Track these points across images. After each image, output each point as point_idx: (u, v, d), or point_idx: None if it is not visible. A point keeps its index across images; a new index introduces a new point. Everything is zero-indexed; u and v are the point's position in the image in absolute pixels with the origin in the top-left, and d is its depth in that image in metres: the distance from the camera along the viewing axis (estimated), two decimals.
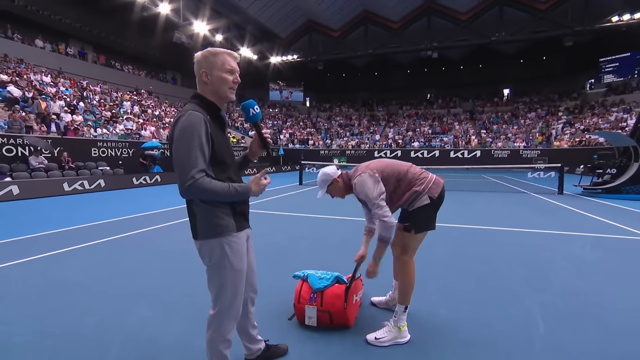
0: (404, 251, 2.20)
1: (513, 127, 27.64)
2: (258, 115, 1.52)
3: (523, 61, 31.64)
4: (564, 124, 25.76)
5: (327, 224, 5.91)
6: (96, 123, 13.93)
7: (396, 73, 34.97)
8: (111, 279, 3.20)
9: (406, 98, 35.02)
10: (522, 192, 10.59)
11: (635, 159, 9.19)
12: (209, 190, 1.32)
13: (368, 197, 2.07)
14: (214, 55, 1.44)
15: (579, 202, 8.41)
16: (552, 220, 6.12)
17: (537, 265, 3.64)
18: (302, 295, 2.32)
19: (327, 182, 2.21)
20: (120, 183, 11.61)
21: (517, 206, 7.78)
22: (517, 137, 25.80)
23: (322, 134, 32.14)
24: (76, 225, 5.52)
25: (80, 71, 19.82)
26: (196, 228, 1.47)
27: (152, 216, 6.49)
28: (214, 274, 1.47)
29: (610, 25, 22.18)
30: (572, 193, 9.97)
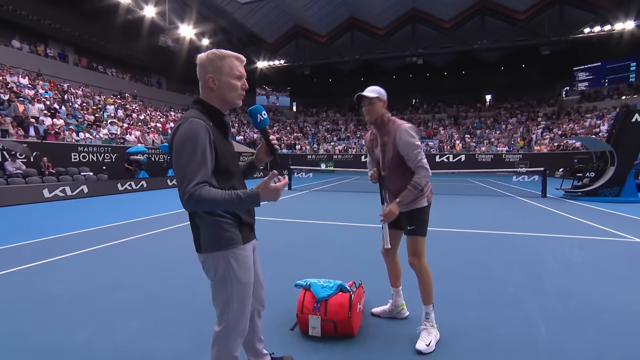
0: (418, 256, 2.19)
1: (496, 132, 28.37)
2: (266, 121, 1.45)
3: (504, 68, 32.68)
4: (543, 129, 26.65)
5: (321, 229, 5.85)
6: (79, 127, 13.47)
7: (382, 79, 35.35)
8: (98, 291, 3.04)
9: (392, 103, 35.08)
10: (508, 195, 10.82)
11: (611, 163, 9.54)
12: (209, 201, 1.20)
13: (412, 143, 2.04)
14: (221, 58, 1.35)
15: (562, 204, 8.64)
16: (539, 223, 6.25)
17: (531, 268, 3.68)
18: (305, 304, 2.25)
19: (383, 96, 2.14)
20: (105, 189, 11.22)
21: (503, 209, 7.92)
22: (500, 142, 26.48)
23: (309, 139, 32.14)
24: (58, 234, 5.26)
25: (60, 73, 19.16)
26: (199, 241, 1.38)
27: (139, 223, 6.27)
28: (219, 288, 1.38)
29: (582, 36, 23.29)
30: (555, 196, 10.25)
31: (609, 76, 27.03)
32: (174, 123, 22.05)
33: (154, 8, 19.41)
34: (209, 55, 1.35)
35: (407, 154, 2.07)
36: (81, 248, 4.45)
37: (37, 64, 18.18)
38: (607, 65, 26.88)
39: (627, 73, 26.18)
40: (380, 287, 3.05)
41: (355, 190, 12.52)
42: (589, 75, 28.07)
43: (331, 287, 2.29)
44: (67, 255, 4.14)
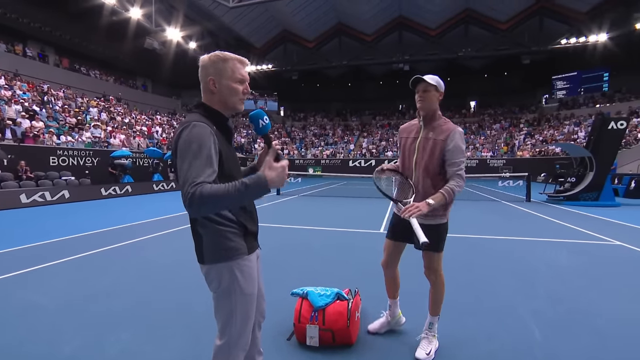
0: (435, 269, 2.09)
1: (480, 137, 29.03)
2: (268, 127, 1.39)
3: (487, 76, 33.56)
4: (525, 135, 27.44)
5: (312, 235, 5.81)
6: (60, 130, 13.03)
7: (369, 84, 35.83)
8: (84, 301, 2.91)
9: (379, 109, 35.87)
10: (494, 200, 11.05)
11: (590, 169, 9.88)
12: (212, 197, 1.09)
13: (462, 149, 1.93)
14: (223, 61, 1.30)
15: (546, 209, 8.88)
16: (526, 228, 6.39)
17: (522, 273, 3.74)
18: (302, 314, 2.21)
19: (441, 87, 1.98)
20: (87, 194, 10.88)
21: (491, 214, 8.07)
22: (484, 147, 27.10)
23: (297, 144, 32.10)
24: (38, 242, 5.03)
25: (39, 74, 18.56)
26: (202, 251, 1.31)
27: (124, 230, 6.09)
28: (223, 301, 1.32)
29: (560, 47, 24.29)
30: (538, 200, 10.52)
31: (585, 85, 28.19)
32: (160, 127, 21.69)
33: (139, 10, 19.07)
34: (212, 57, 1.31)
35: (453, 158, 1.92)
36: (64, 256, 4.28)
37: (15, 64, 17.55)
38: (583, 75, 28.02)
39: (600, 83, 27.35)
40: (375, 294, 3.04)
41: (343, 195, 12.54)
42: (566, 84, 29.18)
43: (329, 295, 2.26)
44: (49, 264, 3.96)
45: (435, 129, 1.97)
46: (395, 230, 2.20)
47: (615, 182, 13.17)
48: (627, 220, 6.93)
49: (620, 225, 6.51)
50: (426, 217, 1.96)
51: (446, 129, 1.95)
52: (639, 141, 18.73)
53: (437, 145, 1.94)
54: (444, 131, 1.94)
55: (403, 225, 2.00)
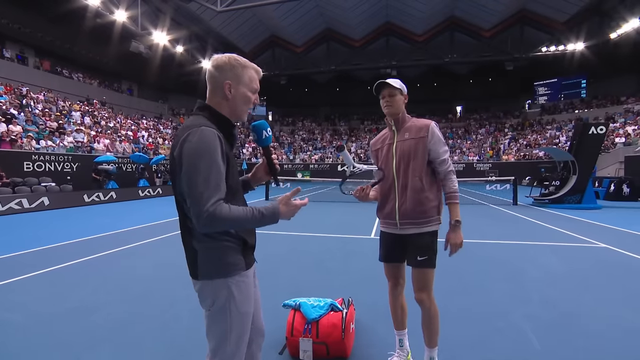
0: (429, 291, 1.84)
1: (466, 141, 29.53)
2: (269, 139, 1.36)
3: (473, 81, 34.28)
4: (510, 139, 28.06)
5: (302, 241, 5.70)
6: (39, 134, 12.56)
7: (357, 89, 35.98)
8: (59, 318, 2.72)
9: (367, 113, 36.12)
10: (481, 203, 11.16)
11: (573, 172, 10.11)
12: (230, 219, 1.09)
13: (442, 141, 1.84)
14: (243, 67, 1.24)
15: (532, 212, 9.00)
16: (514, 231, 6.44)
17: (513, 277, 3.72)
18: (295, 326, 2.10)
19: (405, 90, 1.91)
20: (69, 201, 10.47)
21: (479, 218, 8.12)
22: (471, 151, 27.56)
23: (285, 148, 31.97)
24: (10, 253, 4.73)
25: (18, 76, 17.90)
26: (197, 266, 1.21)
27: (105, 238, 5.83)
28: (217, 320, 1.21)
29: (540, 54, 25.06)
30: (525, 204, 10.69)
31: (564, 91, 29.12)
32: (146, 131, 21.24)
33: (125, 12, 18.70)
34: (231, 61, 1.23)
35: (439, 152, 1.82)
36: (39, 268, 4.04)
37: None
38: (563, 82, 28.97)
39: (579, 89, 28.32)
40: (370, 302, 2.96)
41: (332, 200, 12.47)
42: (547, 90, 30.06)
43: (322, 306, 2.16)
44: (22, 277, 3.73)
45: (410, 129, 1.89)
46: (387, 250, 1.96)
47: (596, 185, 13.56)
48: (610, 222, 7.08)
49: (604, 228, 6.64)
50: (419, 223, 1.81)
51: (422, 124, 1.86)
52: (616, 145, 19.34)
53: (418, 143, 1.83)
54: (421, 128, 1.85)
55: (394, 243, 1.90)
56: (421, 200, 1.80)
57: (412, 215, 1.81)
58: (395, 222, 1.86)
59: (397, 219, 1.85)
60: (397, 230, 1.87)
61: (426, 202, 1.81)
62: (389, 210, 1.88)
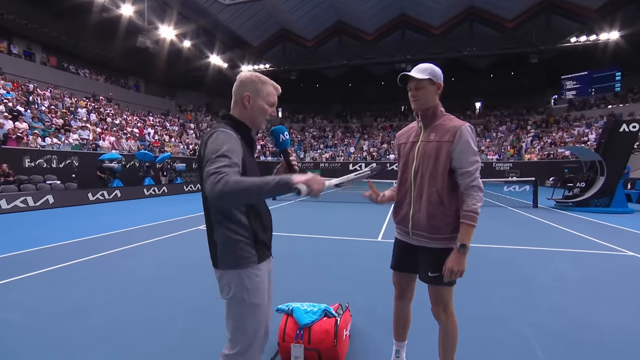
0: (445, 306, 1.78)
1: (486, 140, 29.04)
2: (287, 142, 1.53)
3: (493, 75, 33.65)
4: (533, 137, 27.44)
5: (305, 243, 5.75)
6: (45, 132, 13.00)
7: (370, 85, 35.88)
8: (57, 318, 2.84)
9: (380, 110, 35.93)
10: (499, 205, 10.98)
11: (601, 173, 9.84)
12: (243, 183, 1.19)
13: (474, 151, 1.64)
14: (262, 83, 1.48)
15: (554, 215, 8.81)
16: (531, 235, 6.32)
17: (522, 283, 3.69)
18: (287, 332, 2.15)
19: (437, 77, 1.71)
20: (73, 199, 10.82)
21: (495, 220, 8.00)
22: (490, 150, 27.10)
23: (295, 146, 32.08)
24: (14, 251, 4.94)
25: (25, 73, 18.47)
26: (217, 256, 1.43)
27: (108, 238, 6.02)
28: (232, 308, 1.41)
29: (569, 45, 24.30)
30: (546, 206, 10.47)
31: (595, 85, 28.21)
32: (152, 128, 21.69)
33: (131, 7, 19.12)
34: (252, 77, 1.47)
35: (463, 162, 1.64)
36: (41, 267, 4.21)
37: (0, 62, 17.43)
38: (594, 75, 28.07)
39: (612, 82, 27.36)
40: (369, 308, 2.98)
41: (341, 201, 12.49)
42: (576, 84, 29.23)
43: (315, 312, 2.20)
44: (23, 276, 3.90)
45: (437, 128, 1.71)
46: (397, 258, 1.91)
47: (628, 187, 13.15)
48: None
49: (634, 234, 6.44)
50: (434, 239, 1.70)
51: (451, 127, 1.67)
52: None
53: (441, 147, 1.66)
54: (449, 130, 1.67)
55: (406, 251, 1.83)
56: (435, 214, 1.68)
57: (424, 227, 1.71)
58: (408, 230, 1.78)
59: (410, 227, 1.76)
60: (410, 240, 1.80)
61: (441, 218, 1.68)
62: (403, 216, 1.81)
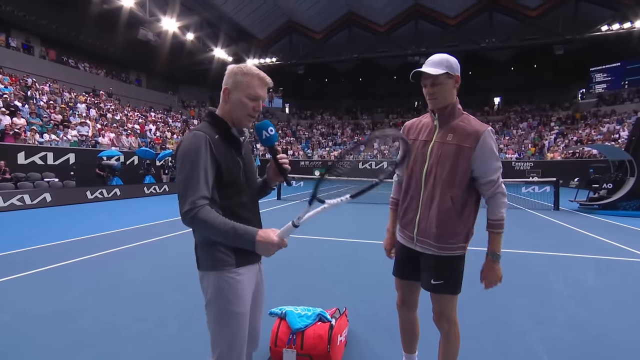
0: (447, 317, 1.75)
1: (504, 137, 28.63)
2: (273, 138, 1.48)
3: (514, 69, 33.16)
4: (556, 134, 26.92)
5: (307, 245, 5.76)
6: (43, 128, 13.27)
7: (382, 79, 35.72)
8: (45, 320, 2.90)
9: (392, 106, 35.74)
10: (517, 207, 10.81)
11: (630, 174, 9.59)
12: (204, 223, 1.29)
13: (495, 155, 1.60)
14: (243, 74, 1.43)
15: (576, 219, 8.63)
16: (550, 240, 6.21)
17: (537, 293, 3.61)
18: (279, 336, 2.15)
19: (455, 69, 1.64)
20: (71, 197, 11.02)
21: (511, 224, 7.86)
22: (509, 148, 26.70)
23: (303, 144, 32.16)
24: (7, 251, 5.05)
25: (24, 67, 18.82)
26: (198, 257, 1.46)
27: (104, 238, 6.12)
28: (210, 312, 1.42)
29: (600, 34, 23.64)
30: (568, 209, 10.26)
31: (629, 77, 27.31)
32: (154, 125, 21.99)
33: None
34: (235, 68, 1.45)
35: (488, 170, 1.60)
36: (33, 268, 4.29)
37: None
38: (627, 66, 27.21)
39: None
40: (370, 314, 2.96)
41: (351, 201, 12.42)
42: (607, 76, 28.46)
43: (309, 316, 2.20)
44: (14, 277, 3.98)
45: (456, 129, 1.64)
46: (400, 265, 1.88)
47: None
48: None
49: None
50: (440, 246, 1.66)
51: (473, 131, 1.60)
52: None
53: (461, 152, 1.60)
54: (470, 134, 1.60)
55: (409, 258, 1.80)
56: (446, 222, 1.63)
57: (431, 236, 1.66)
58: (413, 236, 1.74)
59: (415, 233, 1.72)
60: (413, 246, 1.76)
61: (452, 226, 1.64)
62: (408, 221, 1.76)
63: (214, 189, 1.36)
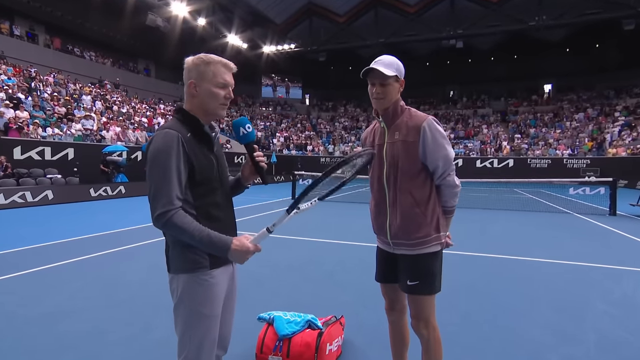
0: (426, 320, 1.86)
1: (555, 130, 27.63)
2: (251, 135, 1.57)
3: (569, 50, 31.67)
4: (621, 126, 25.63)
5: (317, 248, 5.87)
6: (46, 121, 13.99)
7: (412, 66, 34.72)
8: (32, 322, 3.11)
9: (424, 96, 35.21)
10: (564, 211, 10.48)
11: None
12: (178, 228, 1.37)
13: (443, 145, 1.77)
14: (205, 64, 1.50)
15: (637, 226, 8.25)
16: (599, 250, 6.01)
17: (570, 307, 3.53)
18: (265, 343, 2.24)
19: (402, 74, 1.86)
20: (74, 195, 11.61)
21: (555, 230, 7.68)
22: (561, 143, 25.75)
23: (323, 138, 32.28)
24: (2, 250, 5.40)
25: (28, 56, 19.78)
26: (168, 259, 1.54)
27: (107, 237, 6.46)
28: (178, 314, 1.49)
29: None
30: (628, 214, 9.84)
31: None
32: (162, 118, 22.70)
33: None
34: (195, 60, 1.51)
35: (434, 160, 1.78)
36: (26, 268, 4.58)
37: (1, 45, 18.63)
38: None
39: None
40: (372, 323, 3.00)
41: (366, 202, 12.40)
42: None
43: (298, 322, 2.27)
44: (5, 277, 4.27)
45: (400, 127, 1.84)
46: (381, 270, 2.04)
47: None
48: None
49: None
50: (412, 244, 1.82)
51: (413, 125, 1.80)
52: None
53: (408, 148, 1.80)
54: (411, 129, 1.80)
55: (388, 261, 1.96)
56: (412, 217, 1.81)
57: (403, 236, 1.83)
58: (388, 241, 1.91)
59: (389, 237, 1.89)
60: (391, 250, 1.92)
61: (418, 219, 1.81)
62: (380, 226, 1.93)
63: (187, 189, 1.44)
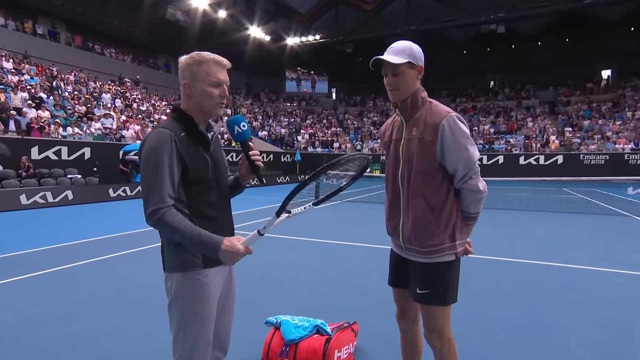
0: (444, 336, 1.83)
1: (615, 122, 26.32)
2: (246, 134, 1.64)
3: (633, 29, 29.89)
4: None
5: (339, 251, 5.91)
6: (67, 120, 14.71)
7: (448, 55, 34.37)
8: (47, 322, 3.31)
9: (461, 87, 34.50)
10: (622, 214, 10.03)
11: None
12: (169, 227, 1.46)
13: (464, 145, 1.68)
14: (198, 63, 1.57)
15: None
16: None
17: (617, 323, 3.39)
18: (271, 347, 2.30)
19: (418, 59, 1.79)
20: (93, 195, 12.18)
21: (608, 234, 7.40)
22: (621, 136, 24.55)
23: (351, 135, 32.21)
24: (21, 250, 5.77)
25: (50, 55, 20.85)
26: (164, 258, 1.63)
27: (119, 239, 6.76)
28: (172, 313, 1.58)
29: None
30: None
31: None
32: None
33: None
34: (187, 60, 1.60)
35: (453, 161, 1.69)
36: (44, 268, 4.87)
37: (25, 44, 19.77)
38: None
39: None
40: (388, 330, 2.99)
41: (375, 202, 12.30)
42: None
43: (306, 327, 2.31)
44: (23, 277, 4.55)
45: (418, 122, 1.76)
46: (393, 273, 2.03)
47: None
48: None
49: None
50: (425, 251, 1.77)
51: (432, 122, 1.71)
52: None
53: (424, 147, 1.72)
54: (430, 125, 1.71)
55: (401, 265, 1.94)
56: (424, 223, 1.75)
57: (415, 242, 1.79)
58: (401, 244, 1.88)
59: (402, 241, 1.85)
60: (403, 254, 1.90)
61: (431, 226, 1.74)
62: (393, 227, 1.91)
63: (180, 187, 1.53)
